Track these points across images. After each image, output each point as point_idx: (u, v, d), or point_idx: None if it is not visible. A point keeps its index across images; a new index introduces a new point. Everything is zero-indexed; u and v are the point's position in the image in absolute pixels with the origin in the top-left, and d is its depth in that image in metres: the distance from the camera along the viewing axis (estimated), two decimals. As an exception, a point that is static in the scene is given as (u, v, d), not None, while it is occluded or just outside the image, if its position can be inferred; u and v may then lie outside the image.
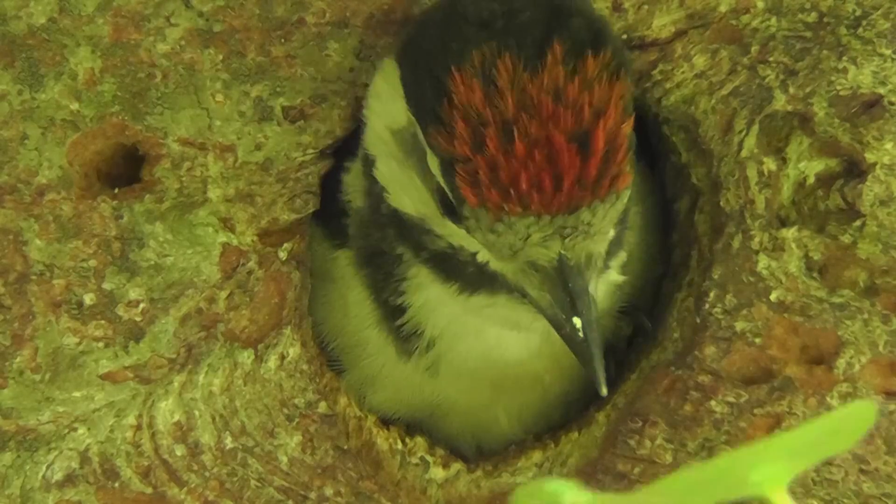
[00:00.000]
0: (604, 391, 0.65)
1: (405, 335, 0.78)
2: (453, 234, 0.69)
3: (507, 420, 0.82)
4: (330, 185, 0.79)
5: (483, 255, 0.68)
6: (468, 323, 0.75)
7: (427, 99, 0.65)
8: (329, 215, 0.80)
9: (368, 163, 0.73)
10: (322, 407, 0.78)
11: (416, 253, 0.73)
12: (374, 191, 0.73)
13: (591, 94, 0.63)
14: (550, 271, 0.65)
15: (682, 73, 0.76)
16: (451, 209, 0.67)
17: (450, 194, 0.66)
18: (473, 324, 0.75)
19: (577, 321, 0.64)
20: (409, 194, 0.71)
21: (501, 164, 0.63)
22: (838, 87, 0.74)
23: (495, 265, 0.68)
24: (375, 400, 0.82)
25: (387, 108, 0.71)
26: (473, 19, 0.65)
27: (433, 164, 0.67)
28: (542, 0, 0.65)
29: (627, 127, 0.64)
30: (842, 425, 0.46)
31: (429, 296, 0.75)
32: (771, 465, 0.45)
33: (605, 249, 0.67)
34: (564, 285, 0.65)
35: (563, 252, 0.64)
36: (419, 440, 0.80)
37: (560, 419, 0.82)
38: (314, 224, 0.80)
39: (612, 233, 0.67)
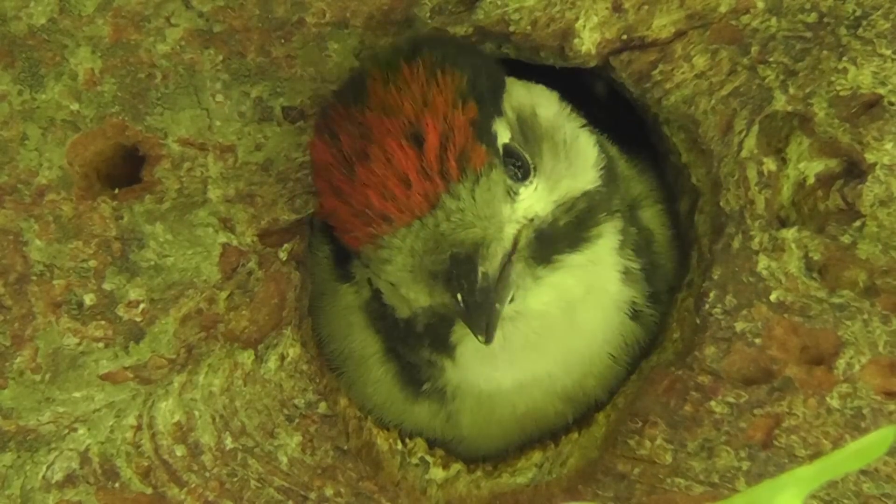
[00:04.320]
0: (485, 343, 0.65)
1: (413, 379, 0.78)
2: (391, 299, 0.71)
3: (517, 443, 0.81)
4: None
5: (407, 295, 0.69)
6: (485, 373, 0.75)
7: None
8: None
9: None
10: (322, 407, 0.78)
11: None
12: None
13: (410, 95, 0.65)
14: (445, 270, 0.65)
15: (682, 73, 0.76)
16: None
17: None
18: (491, 373, 0.75)
19: (459, 297, 0.65)
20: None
21: (353, 196, 0.65)
22: (838, 88, 0.74)
23: (423, 300, 0.68)
24: (379, 417, 0.81)
25: None
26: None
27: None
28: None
29: (467, 111, 0.65)
30: (859, 453, 0.47)
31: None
32: (788, 493, 0.45)
33: (507, 234, 0.67)
34: (450, 275, 0.65)
35: (453, 250, 0.65)
36: (419, 441, 0.80)
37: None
38: (316, 228, 0.80)
39: (508, 215, 0.67)
